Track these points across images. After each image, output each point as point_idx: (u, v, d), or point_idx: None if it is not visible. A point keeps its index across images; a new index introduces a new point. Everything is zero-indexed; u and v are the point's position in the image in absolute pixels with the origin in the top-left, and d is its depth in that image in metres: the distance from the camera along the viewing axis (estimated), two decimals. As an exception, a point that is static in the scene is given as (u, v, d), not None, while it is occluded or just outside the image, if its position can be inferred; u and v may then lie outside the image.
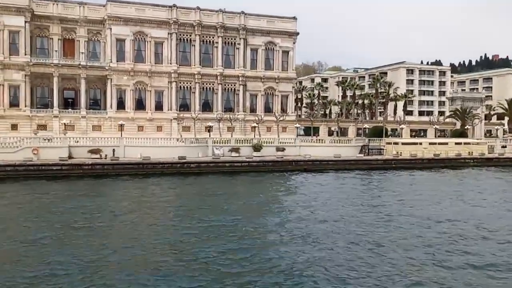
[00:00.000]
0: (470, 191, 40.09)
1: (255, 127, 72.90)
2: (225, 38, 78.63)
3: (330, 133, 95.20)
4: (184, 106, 77.28)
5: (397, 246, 21.44)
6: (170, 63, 75.27)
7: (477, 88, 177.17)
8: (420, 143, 63.07)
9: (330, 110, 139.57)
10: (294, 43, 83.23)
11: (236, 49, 79.66)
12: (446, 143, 64.38)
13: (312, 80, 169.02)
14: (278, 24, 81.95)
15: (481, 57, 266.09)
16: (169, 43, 75.14)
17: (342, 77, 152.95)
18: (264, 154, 56.72)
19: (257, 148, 56.61)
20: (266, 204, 33.05)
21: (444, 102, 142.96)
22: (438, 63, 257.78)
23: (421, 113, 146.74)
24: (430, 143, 63.39)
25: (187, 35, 76.53)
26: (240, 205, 32.19)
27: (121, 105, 73.66)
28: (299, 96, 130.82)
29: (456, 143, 64.59)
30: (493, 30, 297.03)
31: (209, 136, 59.29)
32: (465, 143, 65.33)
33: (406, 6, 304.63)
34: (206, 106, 78.82)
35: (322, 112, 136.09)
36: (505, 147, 72.01)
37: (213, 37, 78.00)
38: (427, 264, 18.85)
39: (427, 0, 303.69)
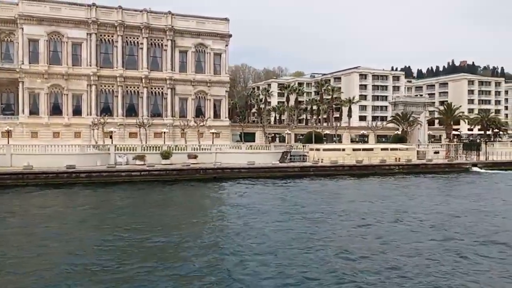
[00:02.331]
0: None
1: (185, 132, 69.28)
2: (151, 40, 74.68)
3: (274, 139, 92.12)
4: (106, 111, 72.70)
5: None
6: (90, 65, 70.84)
7: (434, 93, 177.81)
8: (343, 149, 60.02)
9: (275, 116, 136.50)
10: (226, 45, 79.84)
11: (163, 51, 75.78)
12: (371, 149, 61.50)
13: (269, 85, 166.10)
14: (209, 26, 78.46)
15: (448, 63, 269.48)
16: (88, 44, 70.74)
17: (282, 84, 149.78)
18: (175, 162, 52.77)
19: (165, 155, 52.64)
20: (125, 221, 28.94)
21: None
22: (407, 69, 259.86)
23: (374, 118, 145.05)
24: (354, 149, 60.41)
25: (108, 36, 72.26)
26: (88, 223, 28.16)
27: (35, 110, 68.81)
28: (250, 102, 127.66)
29: (382, 149, 61.78)
30: (467, 37, 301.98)
31: (112, 142, 54.87)
32: (392, 149, 62.62)
33: (383, 12, 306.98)
34: (131, 111, 74.55)
35: (268, 118, 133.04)
36: (438, 152, 69.78)
37: (137, 38, 73.97)
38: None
39: (404, 7, 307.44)
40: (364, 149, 61.16)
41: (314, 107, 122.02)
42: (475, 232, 25.20)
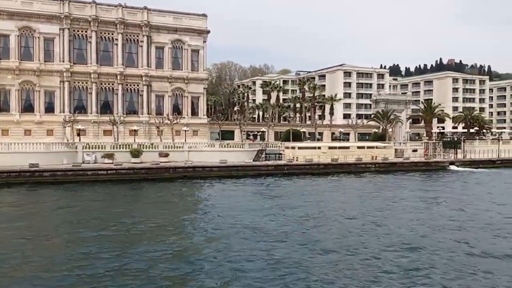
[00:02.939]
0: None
1: (161, 130, 68.06)
2: (126, 35, 73.16)
3: (256, 137, 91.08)
4: (80, 108, 71.19)
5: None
6: (63, 61, 69.15)
7: (419, 91, 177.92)
8: (319, 147, 59.17)
9: (259, 114, 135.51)
10: (204, 41, 78.52)
11: (139, 47, 74.27)
12: (348, 147, 60.74)
13: (254, 82, 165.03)
14: (186, 22, 77.10)
15: (436, 61, 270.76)
16: (61, 40, 69.05)
17: (266, 80, 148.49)
18: (145, 160, 51.49)
19: (135, 153, 51.31)
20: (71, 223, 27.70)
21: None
22: (395, 67, 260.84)
23: (359, 116, 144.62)
24: (329, 147, 59.58)
25: (82, 31, 70.62)
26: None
27: (5, 107, 67.04)
28: (233, 99, 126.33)
29: (359, 147, 61.03)
30: (456, 36, 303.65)
31: (79, 140, 53.42)
32: (368, 147, 61.90)
33: (382, 13, 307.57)
34: (106, 108, 72.92)
35: (253, 116, 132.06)
36: (416, 151, 69.30)
37: (112, 34, 72.40)
38: None
39: (403, 7, 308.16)
40: (340, 147, 60.39)
41: (298, 105, 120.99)
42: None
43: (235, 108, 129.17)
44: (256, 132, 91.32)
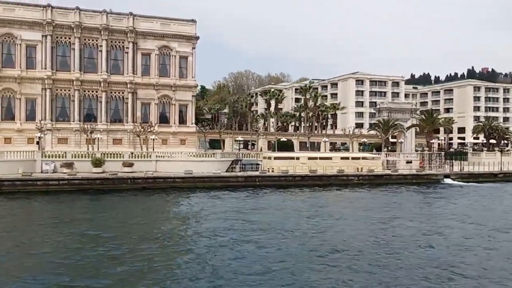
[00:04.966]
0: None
1: (145, 139, 65.83)
2: (111, 42, 71.52)
3: (247, 147, 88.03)
4: (63, 116, 69.79)
5: None
6: (45, 68, 67.96)
7: (439, 100, 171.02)
8: (297, 158, 55.47)
9: (264, 123, 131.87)
10: (193, 48, 76.16)
11: (125, 54, 72.51)
12: (330, 158, 56.76)
13: (265, 92, 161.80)
14: (175, 28, 74.98)
15: (468, 70, 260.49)
16: (44, 46, 67.93)
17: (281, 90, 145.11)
18: (108, 170, 49.11)
19: (96, 163, 49.03)
20: None
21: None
22: (425, 76, 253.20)
23: (372, 126, 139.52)
24: (309, 158, 55.76)
25: (65, 38, 69.32)
26: None
27: (-15, 115, 66.25)
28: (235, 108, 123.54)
29: (342, 158, 56.98)
30: (491, 43, 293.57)
31: (39, 149, 51.57)
32: (353, 158, 57.74)
33: (408, 19, 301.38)
34: (90, 116, 71.16)
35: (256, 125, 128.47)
36: (411, 162, 64.58)
37: (97, 40, 70.87)
38: None
39: (428, 14, 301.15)
40: (321, 158, 56.50)
41: (303, 114, 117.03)
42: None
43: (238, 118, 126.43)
44: (249, 142, 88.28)
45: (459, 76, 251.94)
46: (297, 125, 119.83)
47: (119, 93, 72.48)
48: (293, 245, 24.24)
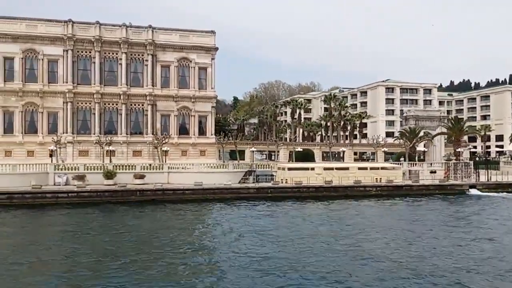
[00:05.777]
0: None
1: (166, 151, 66.00)
2: (131, 55, 72.37)
3: (271, 157, 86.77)
4: (84, 129, 70.85)
5: None
6: (66, 82, 69.33)
7: (475, 107, 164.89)
8: (312, 168, 53.76)
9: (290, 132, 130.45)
10: (213, 59, 76.11)
11: (144, 66, 73.19)
12: (347, 168, 54.76)
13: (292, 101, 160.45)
14: (194, 39, 75.18)
15: (510, 75, 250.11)
16: (65, 61, 69.36)
17: (309, 99, 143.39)
18: (119, 182, 49.03)
19: (108, 175, 49.07)
20: None
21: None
22: (465, 83, 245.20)
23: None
24: (325, 168, 53.95)
25: (86, 52, 70.60)
26: None
27: (9, 129, 67.96)
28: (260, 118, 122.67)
29: (360, 168, 54.84)
30: None
31: (51, 161, 52.07)
32: (372, 168, 55.51)
33: (448, 24, 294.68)
34: (111, 129, 72.04)
35: (281, 135, 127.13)
36: (435, 172, 61.69)
37: (116, 54, 71.86)
38: None
39: (469, 19, 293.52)
40: (337, 168, 54.56)
41: (328, 124, 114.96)
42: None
43: (264, 127, 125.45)
44: (273, 152, 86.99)
45: (500, 82, 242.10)
46: (323, 134, 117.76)
47: (139, 105, 73.06)
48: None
